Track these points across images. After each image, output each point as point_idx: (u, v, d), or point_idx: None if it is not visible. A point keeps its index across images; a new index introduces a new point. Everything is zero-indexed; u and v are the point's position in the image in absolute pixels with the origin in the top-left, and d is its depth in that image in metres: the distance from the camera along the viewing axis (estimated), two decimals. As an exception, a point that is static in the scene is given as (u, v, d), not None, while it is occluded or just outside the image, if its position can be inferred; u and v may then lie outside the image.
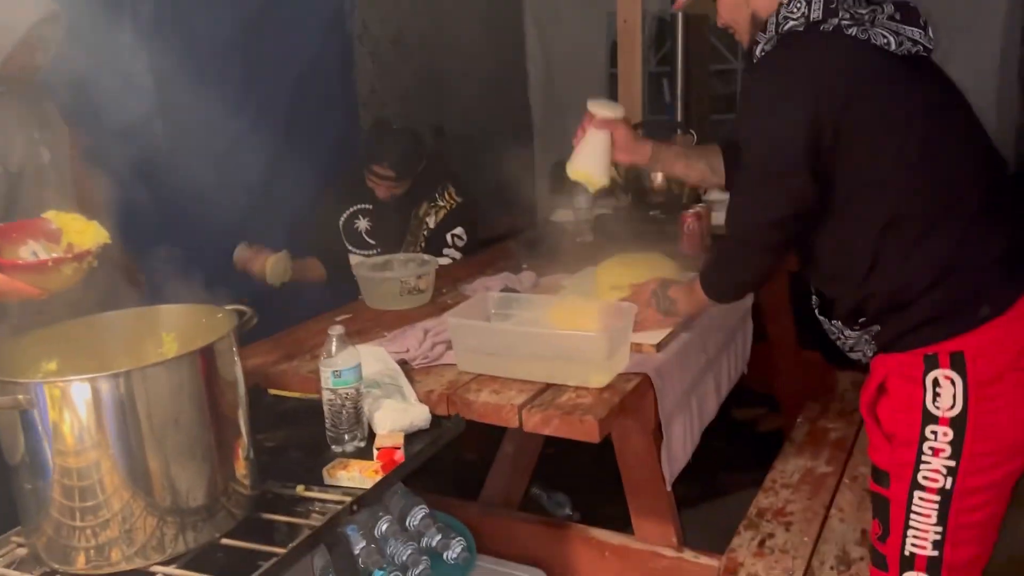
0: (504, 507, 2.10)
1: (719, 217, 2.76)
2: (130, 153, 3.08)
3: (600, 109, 1.88)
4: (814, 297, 1.60)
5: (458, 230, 2.81)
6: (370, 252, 2.85)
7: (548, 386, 1.62)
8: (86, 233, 1.41)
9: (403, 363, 1.77)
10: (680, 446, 1.80)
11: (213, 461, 1.23)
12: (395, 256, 2.43)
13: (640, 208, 2.87)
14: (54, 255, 1.36)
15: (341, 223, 2.89)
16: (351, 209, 2.88)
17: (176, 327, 1.39)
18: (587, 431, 1.47)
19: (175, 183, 3.14)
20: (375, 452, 1.42)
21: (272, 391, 1.76)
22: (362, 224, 2.87)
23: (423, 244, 2.80)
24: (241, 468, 1.28)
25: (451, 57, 5.50)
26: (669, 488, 1.75)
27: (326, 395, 1.49)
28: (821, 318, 1.57)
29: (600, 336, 1.56)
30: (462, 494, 2.24)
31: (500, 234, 5.18)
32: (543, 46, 6.41)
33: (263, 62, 3.45)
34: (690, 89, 4.06)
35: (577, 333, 1.57)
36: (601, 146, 1.88)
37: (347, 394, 1.48)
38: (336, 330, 1.49)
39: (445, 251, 2.80)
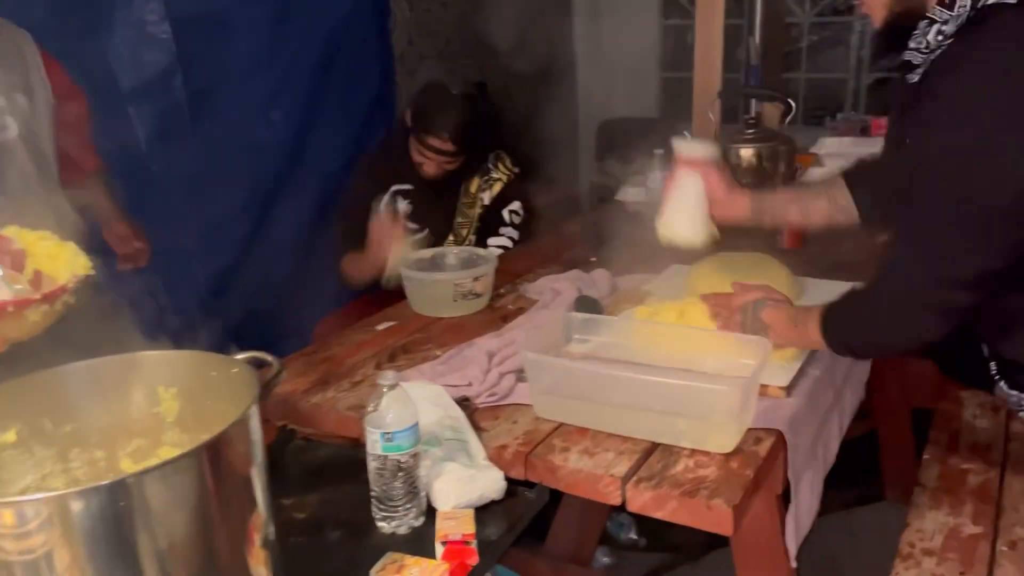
0: (575, 564, 1.76)
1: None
2: (146, 114, 2.76)
3: (688, 149, 1.56)
4: (992, 364, 1.26)
5: (515, 204, 2.43)
6: (415, 237, 2.49)
7: (655, 446, 1.26)
8: (59, 259, 1.05)
9: (464, 400, 1.42)
10: (807, 507, 1.44)
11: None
12: (446, 249, 2.06)
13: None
14: (14, 292, 1.01)
15: (381, 207, 2.51)
16: (391, 190, 2.50)
17: (178, 379, 1.04)
18: (718, 521, 1.11)
19: (196, 147, 2.82)
20: (438, 547, 1.08)
21: (301, 432, 1.42)
22: (402, 206, 2.49)
23: (477, 225, 2.43)
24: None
25: (493, 7, 5.07)
26: (794, 563, 1.40)
27: (373, 463, 1.15)
28: (1007, 390, 1.22)
29: (731, 390, 1.20)
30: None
31: (544, 206, 4.83)
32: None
33: (292, 9, 3.08)
34: (765, 45, 3.61)
35: (699, 386, 1.20)
36: (695, 197, 1.56)
37: (401, 462, 1.13)
38: (388, 379, 1.14)
39: (502, 230, 2.42)
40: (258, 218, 3.06)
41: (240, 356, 1.01)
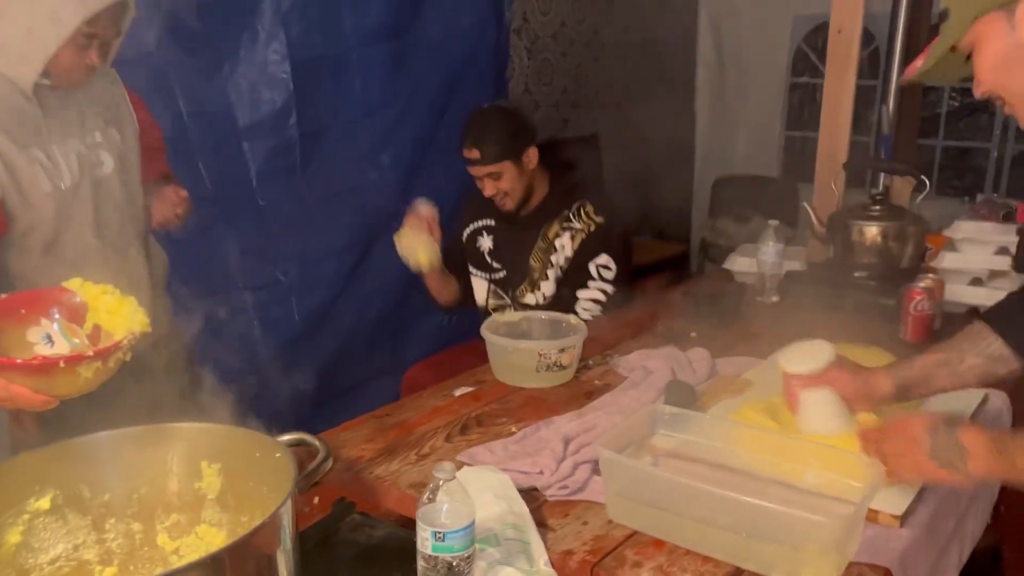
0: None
1: (955, 292, 2.15)
2: (258, 150, 2.81)
3: (798, 366, 1.37)
4: None
5: (602, 258, 2.28)
6: (488, 276, 2.42)
7: (739, 572, 1.11)
8: (118, 314, 1.01)
9: (532, 491, 1.31)
10: (914, 655, 1.25)
11: None
12: (534, 313, 1.96)
13: (845, 267, 2.28)
14: (68, 349, 0.97)
15: (464, 238, 2.46)
16: (475, 225, 2.45)
17: (222, 456, 0.98)
18: None
19: (304, 185, 2.85)
20: (483, 669, 0.97)
21: (360, 508, 1.34)
22: (485, 242, 2.42)
23: (555, 272, 2.31)
24: None
25: (614, 57, 5.01)
26: None
27: (422, 562, 1.05)
28: None
29: (832, 523, 1.04)
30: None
31: (650, 261, 4.67)
32: (716, 47, 5.81)
33: (411, 53, 3.09)
34: (901, 110, 3.39)
35: (793, 513, 1.05)
36: (827, 407, 1.35)
37: (452, 565, 1.03)
38: (444, 471, 1.04)
39: (591, 284, 2.28)
40: (358, 258, 3.05)
41: (285, 438, 0.94)
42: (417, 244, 2.25)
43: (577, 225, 2.26)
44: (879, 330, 1.98)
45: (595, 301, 2.24)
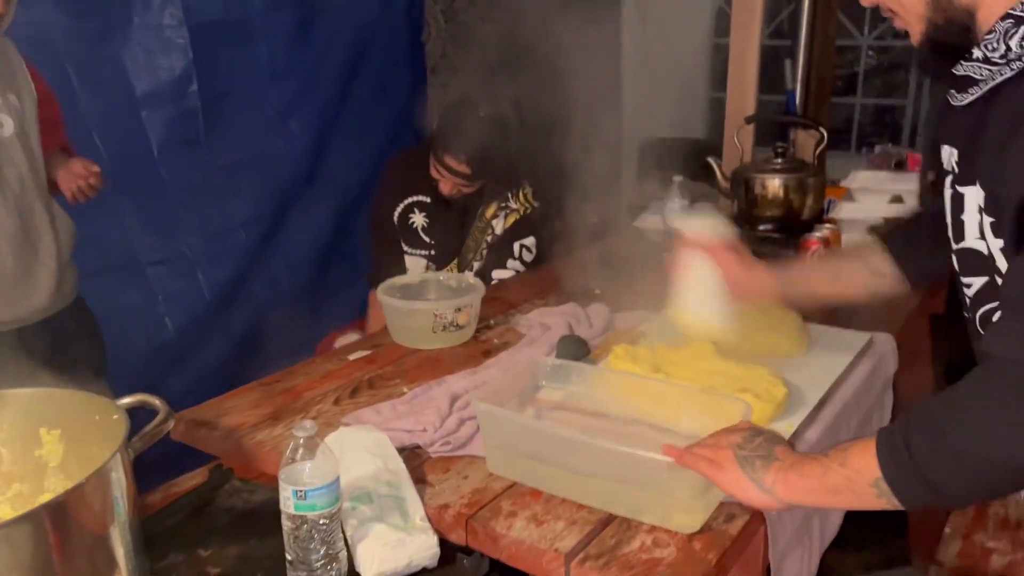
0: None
1: (851, 241, 2.18)
2: (158, 120, 2.72)
3: (694, 228, 1.38)
4: None
5: (528, 240, 2.31)
6: (426, 253, 2.38)
7: (611, 518, 1.12)
8: None
9: (416, 448, 1.29)
10: (793, 592, 1.28)
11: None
12: (432, 276, 1.94)
13: (748, 221, 2.30)
14: None
15: (396, 216, 2.41)
16: (407, 200, 2.40)
17: (62, 421, 0.94)
18: (666, 616, 0.96)
19: (208, 154, 2.77)
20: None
21: (241, 475, 1.31)
22: (418, 219, 2.38)
23: (484, 251, 2.32)
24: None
25: (535, 19, 4.96)
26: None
27: (287, 523, 1.03)
28: None
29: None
30: None
31: (582, 228, 4.67)
32: (640, 9, 5.80)
33: (318, 16, 3.01)
34: (811, 69, 3.43)
35: (658, 458, 1.05)
36: (708, 281, 1.37)
37: (317, 523, 1.01)
38: (304, 429, 1.02)
39: (509, 263, 2.30)
40: (269, 229, 2.98)
41: (125, 400, 0.90)
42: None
43: (513, 205, 2.27)
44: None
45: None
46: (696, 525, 1.07)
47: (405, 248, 2.42)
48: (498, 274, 2.27)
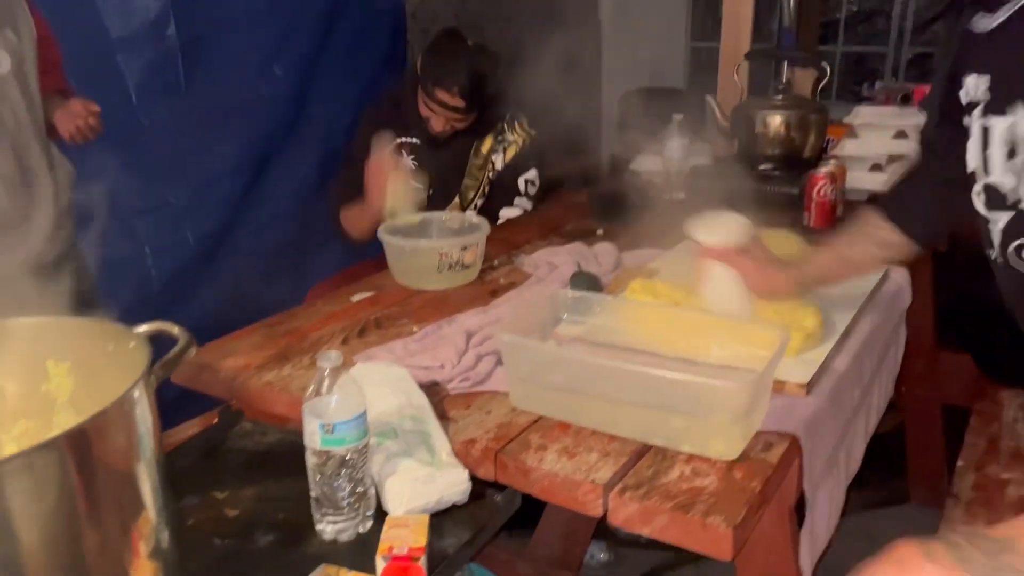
0: (562, 569, 1.59)
1: (856, 179, 2.15)
2: (135, 64, 2.60)
3: (710, 235, 1.34)
4: None
5: (531, 173, 2.22)
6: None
7: (646, 448, 1.08)
8: None
9: (433, 385, 1.24)
10: (825, 522, 1.26)
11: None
12: (435, 215, 1.87)
13: (749, 160, 2.26)
14: None
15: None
16: (396, 143, 2.31)
17: (71, 352, 0.87)
18: (715, 542, 0.93)
19: (189, 100, 2.66)
20: (379, 562, 0.91)
21: (250, 417, 1.26)
22: (408, 162, 2.30)
23: (486, 189, 2.22)
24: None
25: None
26: (808, 585, 1.22)
27: (312, 458, 0.98)
28: None
29: (737, 387, 1.01)
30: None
31: (559, 176, 4.61)
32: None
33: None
34: (800, 11, 3.37)
35: (699, 380, 1.01)
36: (731, 286, 1.33)
37: (344, 458, 0.96)
38: (329, 359, 0.96)
39: (516, 200, 2.21)
40: (253, 178, 2.89)
41: (143, 328, 0.84)
42: (406, 192, 1.95)
43: (510, 137, 2.18)
44: (784, 219, 1.97)
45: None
46: (735, 452, 1.04)
47: None
48: (506, 212, 2.19)
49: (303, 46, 2.98)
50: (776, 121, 2.20)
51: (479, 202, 2.28)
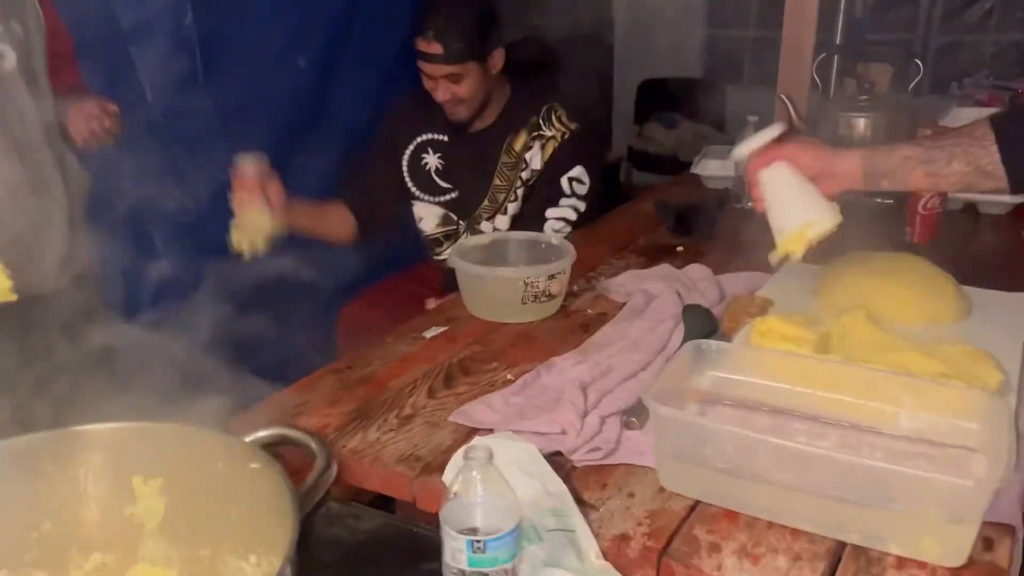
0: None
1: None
2: (153, 55, 2.37)
3: (754, 144, 1.26)
4: None
5: (576, 171, 1.97)
6: (443, 199, 2.08)
7: (842, 547, 0.89)
8: None
9: (555, 455, 1.05)
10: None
11: None
12: (509, 234, 1.67)
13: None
14: None
15: (405, 159, 2.10)
16: (418, 139, 2.07)
17: (165, 466, 0.67)
18: None
19: (209, 95, 2.45)
20: None
21: (335, 495, 1.05)
22: (432, 160, 2.07)
23: (523, 191, 1.99)
24: None
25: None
26: None
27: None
28: None
29: (978, 486, 0.82)
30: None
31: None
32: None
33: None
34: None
35: (922, 475, 0.82)
36: (793, 183, 1.24)
37: (493, 579, 0.77)
38: (478, 456, 0.76)
39: (563, 201, 1.98)
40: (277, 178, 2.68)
41: (261, 435, 0.63)
42: (259, 222, 1.75)
43: (548, 133, 1.95)
44: (881, 232, 1.78)
45: (566, 220, 1.94)
46: (959, 558, 0.85)
47: (418, 194, 2.11)
48: (553, 213, 1.96)
49: (325, 36, 2.77)
50: (862, 124, 2.01)
51: (510, 205, 2.05)
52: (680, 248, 1.84)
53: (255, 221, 1.74)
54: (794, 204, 1.25)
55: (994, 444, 0.88)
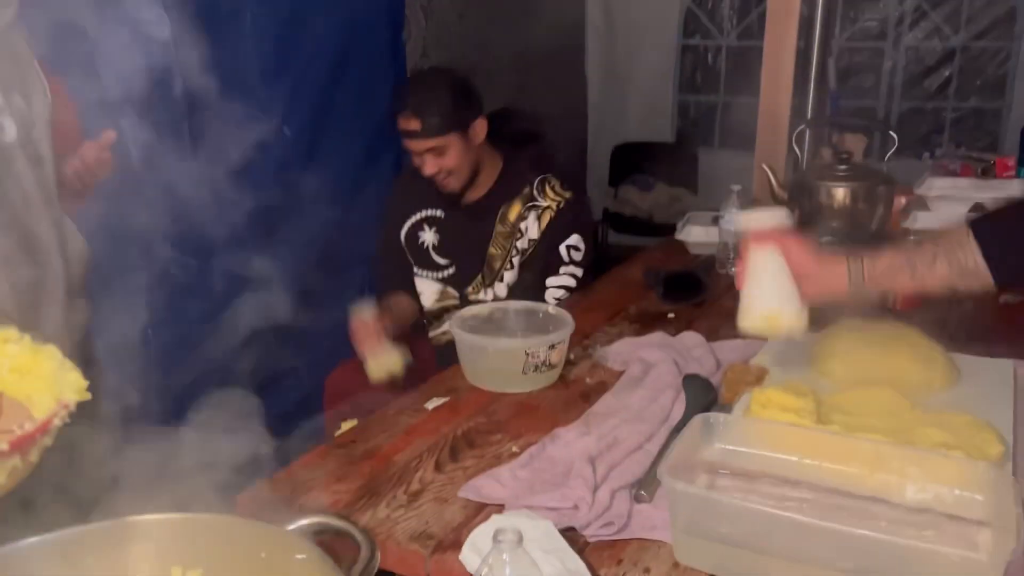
0: None
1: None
2: (141, 125, 2.39)
3: (758, 221, 1.28)
4: None
5: (573, 239, 2.01)
6: (440, 275, 2.11)
7: (857, 620, 0.90)
8: (33, 374, 0.66)
9: (568, 531, 1.05)
10: None
11: None
12: (507, 304, 1.69)
13: (812, 232, 2.12)
14: None
15: (403, 235, 2.14)
16: (414, 218, 2.12)
17: (205, 557, 0.67)
18: None
19: (198, 163, 2.47)
20: None
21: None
22: (428, 237, 2.11)
23: (519, 259, 2.01)
24: None
25: (508, 20, 4.73)
26: None
27: (482, 665, 0.78)
28: None
29: (990, 560, 0.84)
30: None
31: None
32: (605, 9, 5.61)
33: (302, 17, 2.74)
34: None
35: (939, 550, 0.84)
36: (777, 276, 1.25)
37: (523, 663, 0.77)
38: (507, 536, 0.77)
39: (563, 270, 2.01)
40: (260, 246, 2.68)
41: (303, 523, 0.64)
42: (390, 359, 1.87)
43: (543, 203, 1.98)
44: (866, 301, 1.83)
45: (566, 288, 1.97)
46: (976, 632, 0.87)
47: (416, 270, 2.15)
48: (553, 282, 1.99)
49: (311, 102, 2.83)
50: (841, 193, 2.08)
51: (506, 274, 2.08)
52: (671, 315, 1.88)
53: (388, 360, 1.86)
54: (767, 291, 1.27)
55: (1001, 517, 0.90)
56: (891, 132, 2.09)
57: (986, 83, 4.92)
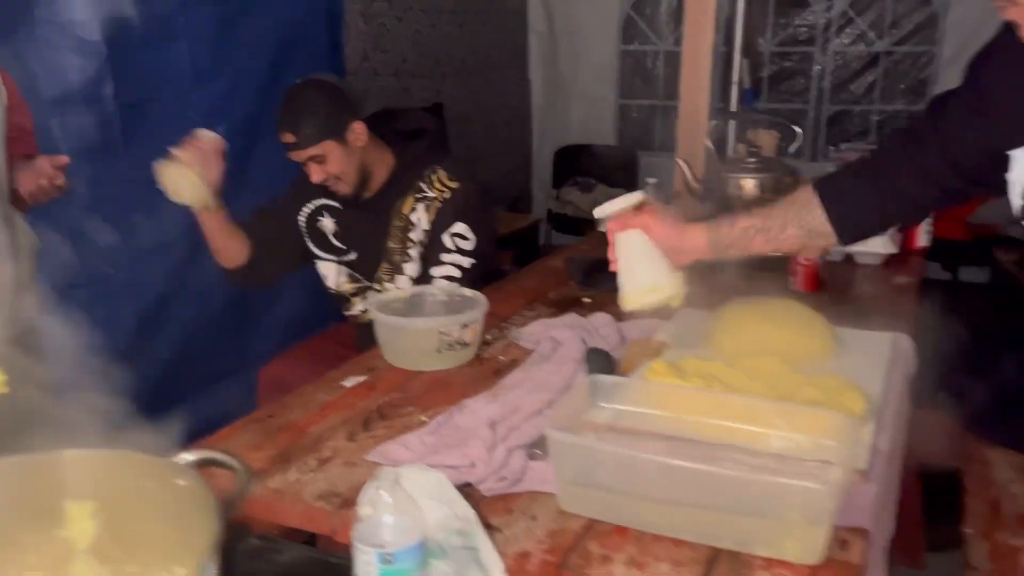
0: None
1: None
2: (70, 128, 2.42)
3: (611, 210, 1.37)
4: None
5: (458, 227, 2.01)
6: (340, 259, 2.16)
7: (717, 554, 0.99)
8: None
9: (465, 487, 1.13)
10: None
11: None
12: (425, 290, 1.76)
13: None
14: None
15: (303, 219, 2.16)
16: (314, 204, 2.14)
17: (96, 490, 0.73)
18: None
19: (127, 166, 2.50)
20: None
21: (257, 528, 1.12)
22: (327, 224, 2.14)
23: (418, 251, 2.05)
24: None
25: (450, 24, 4.82)
26: None
27: (365, 592, 0.85)
28: None
29: (826, 488, 0.94)
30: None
31: (502, 234, 4.55)
32: (547, 14, 5.73)
33: (237, 19, 2.79)
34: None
35: (781, 482, 0.94)
36: (644, 252, 1.36)
37: (402, 590, 0.84)
38: (387, 477, 0.85)
39: (445, 257, 2.02)
40: (194, 246, 2.71)
41: (189, 457, 0.71)
42: (182, 179, 1.88)
43: (431, 194, 2.03)
44: (768, 283, 1.94)
45: (449, 278, 1.98)
46: (817, 556, 0.96)
47: (318, 252, 2.18)
48: (437, 272, 2.03)
49: (244, 110, 2.86)
50: (751, 184, 2.19)
51: (407, 266, 2.11)
52: (587, 300, 1.97)
53: (177, 178, 1.87)
54: (639, 269, 1.36)
55: (848, 458, 1.00)
56: (796, 128, 2.20)
57: (909, 86, 5.14)
